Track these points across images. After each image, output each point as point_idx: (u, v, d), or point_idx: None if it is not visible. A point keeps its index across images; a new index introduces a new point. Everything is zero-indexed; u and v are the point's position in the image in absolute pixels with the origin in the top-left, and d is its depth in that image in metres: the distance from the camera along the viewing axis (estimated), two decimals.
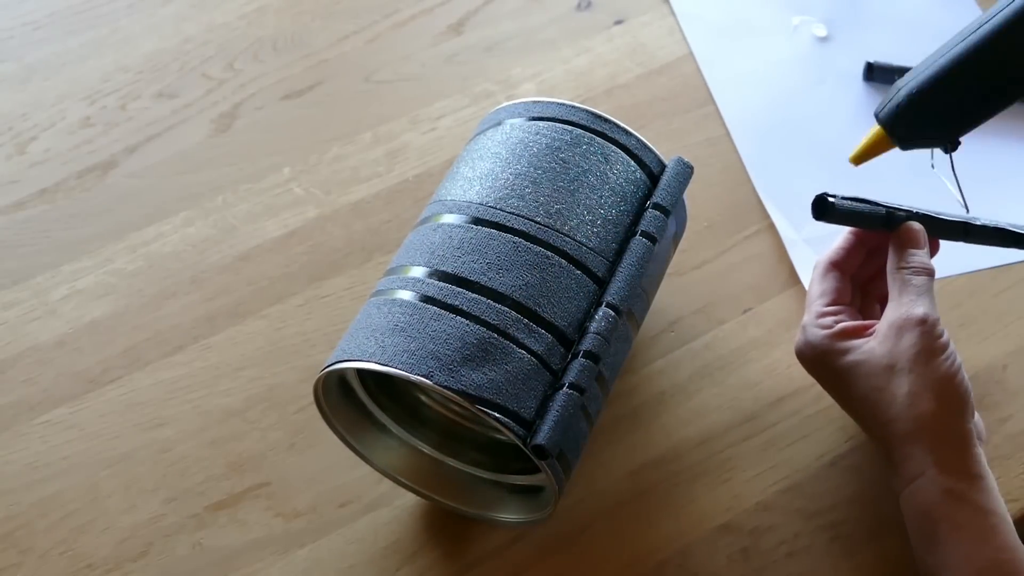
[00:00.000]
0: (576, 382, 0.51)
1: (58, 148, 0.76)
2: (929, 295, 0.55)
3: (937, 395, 0.53)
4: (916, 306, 0.54)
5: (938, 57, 0.51)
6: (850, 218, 0.57)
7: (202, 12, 0.83)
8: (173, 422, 0.65)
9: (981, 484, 0.52)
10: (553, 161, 0.57)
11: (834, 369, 0.57)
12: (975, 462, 0.53)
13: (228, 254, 0.71)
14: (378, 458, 0.60)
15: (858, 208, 0.57)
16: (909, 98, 0.52)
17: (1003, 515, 0.52)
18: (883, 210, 0.57)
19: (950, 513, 0.52)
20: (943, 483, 0.52)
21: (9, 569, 0.60)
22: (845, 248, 0.60)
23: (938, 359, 0.53)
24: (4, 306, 0.69)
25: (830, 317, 0.57)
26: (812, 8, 0.83)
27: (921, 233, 0.57)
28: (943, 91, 0.51)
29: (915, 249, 0.56)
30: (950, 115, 0.52)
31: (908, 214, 0.58)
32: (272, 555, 0.60)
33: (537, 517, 0.57)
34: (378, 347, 0.51)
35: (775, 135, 0.77)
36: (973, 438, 0.53)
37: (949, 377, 0.53)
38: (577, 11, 0.83)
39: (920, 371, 0.53)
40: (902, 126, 0.53)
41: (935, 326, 0.54)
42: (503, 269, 0.53)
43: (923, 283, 0.55)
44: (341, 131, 0.77)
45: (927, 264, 0.56)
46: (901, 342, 0.54)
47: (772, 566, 0.60)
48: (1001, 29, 0.49)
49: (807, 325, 0.58)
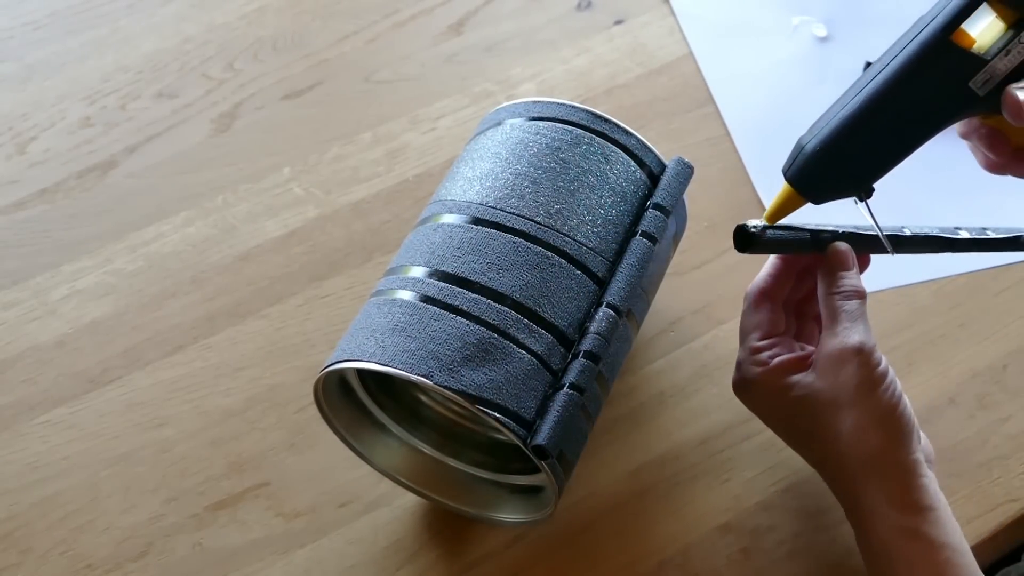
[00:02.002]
0: (576, 382, 0.51)
1: (58, 148, 0.76)
2: (862, 320, 0.54)
3: (881, 428, 0.52)
4: (851, 335, 0.53)
5: (838, 110, 0.51)
6: (775, 246, 0.55)
7: (202, 12, 0.83)
8: (173, 422, 0.65)
9: (932, 516, 0.51)
10: (553, 161, 0.57)
11: (775, 407, 0.56)
12: (924, 493, 0.52)
13: (228, 254, 0.71)
14: (378, 458, 0.60)
15: (781, 236, 0.55)
16: (813, 155, 0.51)
17: (957, 546, 0.51)
18: (807, 234, 0.55)
19: (904, 552, 0.51)
20: (894, 521, 0.51)
21: (9, 569, 0.60)
22: (773, 275, 0.57)
23: (879, 390, 0.52)
24: (4, 306, 0.69)
25: (765, 352, 0.56)
26: (812, 8, 0.83)
27: (848, 254, 0.56)
28: (846, 145, 0.51)
29: (844, 271, 0.55)
30: (857, 167, 0.52)
31: (834, 234, 0.56)
32: (272, 555, 0.60)
33: (537, 517, 0.57)
34: (378, 347, 0.51)
35: (775, 135, 0.77)
36: (921, 467, 0.52)
37: (891, 408, 0.52)
38: (577, 11, 0.83)
39: (863, 404, 0.52)
40: (810, 184, 0.52)
41: (872, 354, 0.53)
42: (503, 269, 0.53)
43: (855, 308, 0.54)
44: (341, 131, 0.77)
45: (857, 286, 0.55)
46: (840, 375, 0.53)
47: (772, 566, 0.60)
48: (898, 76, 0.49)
49: (742, 362, 0.57)
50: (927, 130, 0.51)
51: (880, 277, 0.70)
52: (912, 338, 0.68)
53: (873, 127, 0.51)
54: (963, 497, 0.62)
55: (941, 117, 0.51)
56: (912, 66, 0.49)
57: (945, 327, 0.68)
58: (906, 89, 0.50)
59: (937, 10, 0.49)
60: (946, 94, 0.50)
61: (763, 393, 0.56)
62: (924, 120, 0.51)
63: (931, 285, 0.70)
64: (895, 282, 0.70)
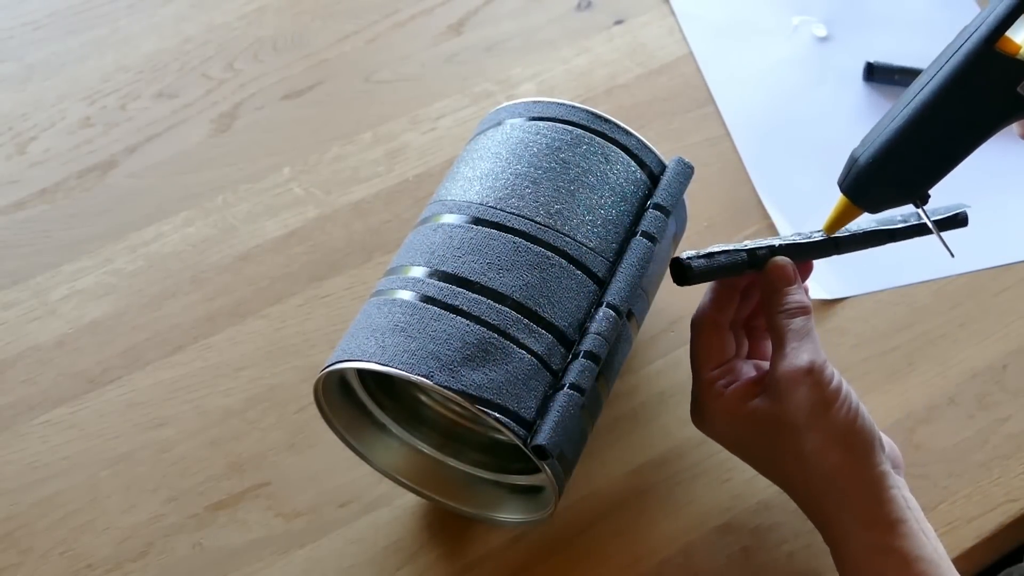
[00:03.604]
0: (576, 382, 0.51)
1: (58, 148, 0.76)
2: (810, 337, 0.53)
3: (842, 446, 0.52)
4: (799, 355, 0.53)
5: (888, 123, 0.52)
6: (713, 273, 0.55)
7: (202, 12, 0.83)
8: (173, 422, 0.65)
9: (903, 529, 0.51)
10: (553, 161, 0.57)
11: (735, 435, 0.56)
12: (894, 506, 0.51)
13: (228, 254, 0.71)
14: (378, 458, 0.60)
15: (718, 263, 0.55)
16: (867, 167, 0.52)
17: (930, 558, 0.51)
18: (744, 255, 0.55)
19: (877, 568, 0.51)
20: (865, 540, 0.51)
21: (9, 569, 0.60)
22: (715, 300, 0.57)
23: (833, 408, 0.52)
24: (4, 306, 0.69)
25: (720, 382, 0.55)
26: (812, 8, 0.83)
27: (788, 268, 0.55)
28: (897, 156, 0.51)
29: (786, 287, 0.55)
30: (910, 176, 0.52)
31: (771, 249, 0.56)
32: (272, 555, 0.60)
33: (537, 517, 0.57)
34: (378, 347, 0.51)
35: (775, 135, 0.77)
36: (887, 479, 0.52)
37: (849, 423, 0.52)
38: (577, 11, 0.83)
39: (819, 425, 0.52)
40: (865, 195, 0.53)
41: (823, 371, 0.52)
42: (503, 269, 0.53)
43: (801, 325, 0.54)
44: (341, 131, 0.77)
45: (802, 301, 0.54)
46: (794, 398, 0.52)
47: (772, 566, 0.60)
48: (945, 87, 0.50)
49: (697, 394, 0.56)
50: (977, 136, 0.51)
51: (880, 277, 0.70)
52: (912, 338, 0.68)
53: (923, 137, 0.51)
54: (963, 497, 0.62)
55: (991, 123, 0.51)
56: (959, 76, 0.50)
57: (945, 327, 0.68)
58: (954, 99, 0.50)
59: (981, 19, 0.50)
60: (995, 101, 0.50)
61: (722, 423, 0.56)
62: (974, 127, 0.51)
63: (931, 285, 0.70)
64: (895, 282, 0.70)
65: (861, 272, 0.69)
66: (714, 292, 0.57)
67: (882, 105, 0.78)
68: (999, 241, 0.72)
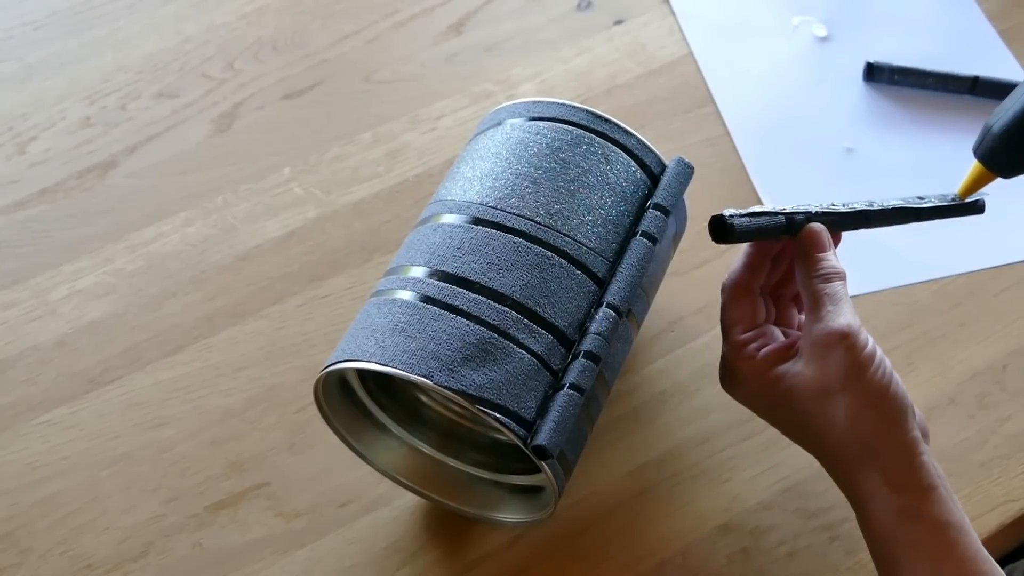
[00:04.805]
0: (577, 382, 0.51)
1: (58, 148, 0.76)
2: (845, 301, 0.53)
3: (876, 411, 0.51)
4: (835, 318, 0.52)
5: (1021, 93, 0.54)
6: (752, 234, 0.55)
7: (202, 12, 0.83)
8: (173, 422, 0.65)
9: (934, 495, 0.51)
10: (553, 161, 0.57)
11: (766, 399, 0.55)
12: (925, 472, 0.51)
13: (228, 254, 0.71)
14: (378, 458, 0.60)
15: (759, 223, 0.54)
16: (1001, 135, 0.55)
17: (959, 524, 0.51)
18: (782, 218, 0.55)
19: (906, 533, 0.51)
20: (896, 502, 0.51)
21: (9, 569, 0.60)
22: (749, 264, 0.56)
23: (869, 372, 0.52)
24: (4, 306, 0.69)
25: (751, 345, 0.55)
26: (812, 8, 0.83)
27: (824, 234, 0.55)
28: None
29: (821, 253, 0.55)
30: None
31: (807, 215, 0.56)
32: (272, 555, 0.60)
33: (537, 517, 0.57)
34: (378, 347, 0.51)
35: (775, 135, 0.77)
36: (919, 446, 0.52)
37: (883, 389, 0.52)
38: (577, 11, 0.83)
39: (854, 389, 0.51)
40: (1000, 161, 0.56)
41: (858, 336, 0.52)
42: (503, 269, 0.53)
43: (836, 289, 0.53)
44: (341, 131, 0.77)
45: (836, 267, 0.54)
46: (829, 361, 0.52)
47: (772, 566, 0.60)
48: None
49: (728, 357, 0.56)
50: None
51: (880, 277, 0.70)
52: (912, 338, 0.68)
53: None
54: (963, 497, 0.62)
55: None
56: None
57: (945, 327, 0.68)
58: None
59: None
60: None
61: (753, 387, 0.55)
62: None
63: (931, 285, 0.70)
64: (895, 282, 0.70)
65: (861, 272, 0.69)
66: (748, 256, 0.57)
67: (882, 105, 0.78)
68: (999, 241, 0.72)
